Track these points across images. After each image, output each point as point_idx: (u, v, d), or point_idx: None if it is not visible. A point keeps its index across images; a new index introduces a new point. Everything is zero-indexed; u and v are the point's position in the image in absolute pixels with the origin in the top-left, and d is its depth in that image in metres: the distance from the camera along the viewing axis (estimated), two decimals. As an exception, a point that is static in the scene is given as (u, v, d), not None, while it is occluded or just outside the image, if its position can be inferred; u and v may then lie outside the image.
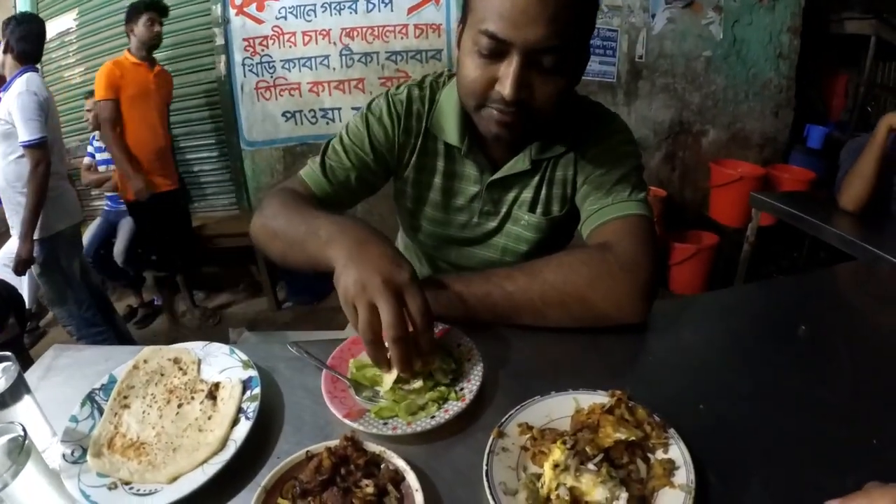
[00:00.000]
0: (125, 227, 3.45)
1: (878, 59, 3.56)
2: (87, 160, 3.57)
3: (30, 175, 2.37)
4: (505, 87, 0.81)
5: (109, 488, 0.66)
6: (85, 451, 0.71)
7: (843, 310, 1.14)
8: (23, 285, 2.76)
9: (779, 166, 3.61)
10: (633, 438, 0.64)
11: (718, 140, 3.73)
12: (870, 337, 1.01)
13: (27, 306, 2.81)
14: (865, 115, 3.61)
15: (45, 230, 2.47)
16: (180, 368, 0.86)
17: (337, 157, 1.07)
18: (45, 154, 2.38)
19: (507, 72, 0.81)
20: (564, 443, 0.63)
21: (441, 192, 1.10)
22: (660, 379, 0.84)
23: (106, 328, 2.76)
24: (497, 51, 0.82)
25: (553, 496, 0.59)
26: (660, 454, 0.64)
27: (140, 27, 2.97)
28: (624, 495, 0.58)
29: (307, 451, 0.65)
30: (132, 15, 2.99)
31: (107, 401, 0.79)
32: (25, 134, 2.33)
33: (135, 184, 3.00)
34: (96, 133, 3.51)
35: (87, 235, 3.36)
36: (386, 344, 0.71)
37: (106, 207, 3.62)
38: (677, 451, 0.64)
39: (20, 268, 2.47)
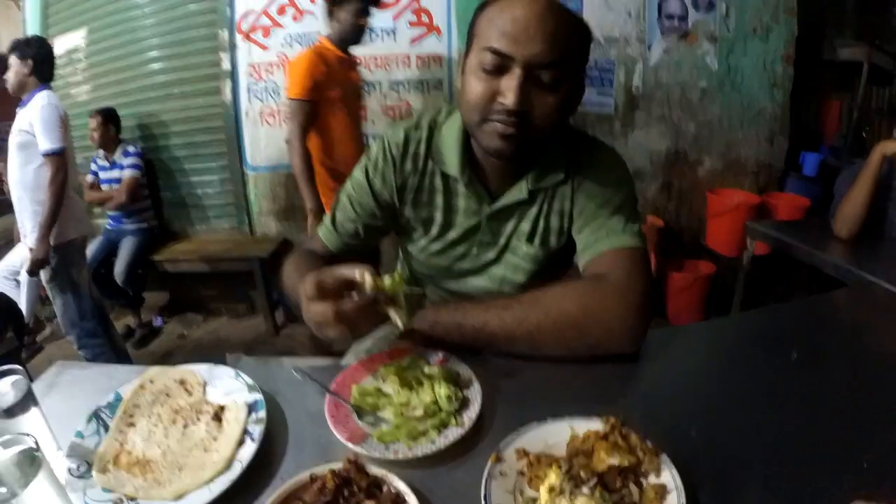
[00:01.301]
0: (126, 246, 3.46)
1: (871, 83, 3.60)
2: (89, 178, 3.57)
3: (49, 181, 2.47)
4: (507, 97, 0.87)
5: (115, 503, 0.68)
6: (90, 466, 0.73)
7: (832, 335, 1.18)
8: (21, 299, 2.80)
9: (774, 194, 3.63)
10: (626, 464, 0.66)
11: (714, 168, 3.75)
12: (858, 361, 1.04)
13: (25, 320, 2.83)
14: (860, 140, 3.63)
15: (58, 238, 2.55)
16: (186, 390, 0.88)
17: (344, 211, 1.15)
18: (64, 162, 2.50)
19: (510, 84, 0.87)
20: (560, 467, 0.65)
21: (441, 227, 1.13)
22: (653, 405, 0.87)
23: (106, 342, 2.79)
24: (500, 66, 0.88)
25: (549, 520, 0.62)
26: (652, 479, 0.67)
27: (347, 14, 2.48)
28: (616, 518, 0.61)
29: (311, 474, 0.67)
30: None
31: (112, 418, 0.82)
32: (47, 143, 2.45)
33: (312, 223, 2.52)
34: (100, 151, 3.54)
35: (88, 253, 3.37)
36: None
37: (107, 226, 3.62)
38: (669, 476, 0.66)
39: (34, 268, 2.53)
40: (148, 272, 3.61)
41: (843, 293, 1.60)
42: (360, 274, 0.79)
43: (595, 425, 0.73)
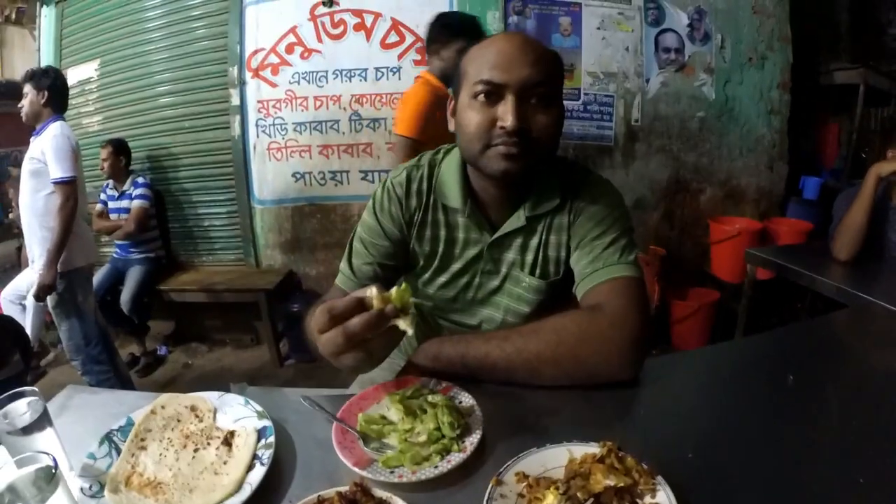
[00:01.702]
0: (133, 275, 3.50)
1: (869, 105, 3.66)
2: (98, 206, 3.62)
3: (59, 209, 2.52)
4: (507, 120, 0.94)
5: None
6: (102, 486, 0.76)
7: (830, 357, 1.21)
8: (26, 323, 2.83)
9: (776, 219, 3.65)
10: (623, 484, 0.69)
11: (715, 197, 3.79)
12: (855, 381, 1.07)
13: (31, 345, 2.85)
14: (860, 161, 3.65)
15: (66, 264, 2.60)
16: (196, 416, 0.91)
17: (359, 256, 1.19)
18: (74, 191, 2.56)
19: (507, 107, 0.95)
20: (558, 488, 0.68)
21: (445, 258, 1.17)
22: (651, 430, 0.90)
23: (110, 369, 2.81)
24: (494, 95, 0.96)
25: (547, 540, 0.64)
26: (648, 499, 0.69)
27: (450, 53, 2.40)
28: (612, 538, 0.63)
29: (318, 496, 0.70)
30: (445, 35, 2.44)
31: (124, 441, 0.84)
32: (59, 171, 2.52)
33: None
34: (110, 181, 3.60)
35: (95, 280, 3.39)
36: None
37: (115, 255, 3.67)
38: (664, 497, 0.68)
39: (41, 294, 2.57)
40: (154, 301, 3.65)
41: (843, 315, 1.63)
42: (367, 290, 0.78)
43: (592, 449, 0.76)
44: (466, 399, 0.91)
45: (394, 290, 0.78)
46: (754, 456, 0.80)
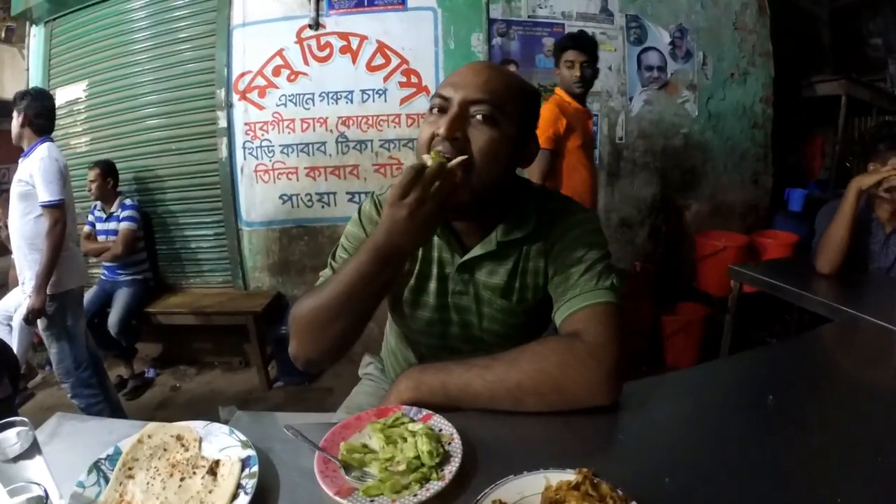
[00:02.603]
0: (121, 297, 3.48)
1: (851, 116, 3.74)
2: (86, 228, 3.61)
3: (47, 233, 2.52)
4: (440, 127, 0.99)
5: None
6: None
7: (811, 377, 1.23)
8: (13, 344, 2.79)
9: (762, 232, 3.69)
10: (596, 511, 0.71)
11: (701, 212, 3.84)
12: (836, 400, 1.10)
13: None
14: (845, 171, 3.72)
15: (56, 287, 2.59)
16: (182, 445, 0.92)
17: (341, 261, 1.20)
18: (62, 214, 2.55)
19: (445, 117, 1.00)
20: (533, 516, 0.70)
21: (417, 278, 1.19)
22: (628, 455, 0.92)
23: (100, 392, 2.79)
24: (442, 108, 1.02)
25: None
26: (622, 525, 0.71)
27: (563, 67, 2.63)
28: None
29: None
30: (557, 48, 2.67)
31: (112, 470, 0.85)
32: (46, 195, 2.51)
33: None
34: (98, 203, 3.60)
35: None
36: None
37: (102, 276, 3.65)
38: None
39: (32, 317, 2.57)
40: (142, 324, 3.64)
41: (828, 330, 1.65)
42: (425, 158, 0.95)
43: (568, 476, 0.77)
44: (446, 427, 0.93)
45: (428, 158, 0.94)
46: (731, 479, 0.83)
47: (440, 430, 0.92)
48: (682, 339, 3.47)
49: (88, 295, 3.48)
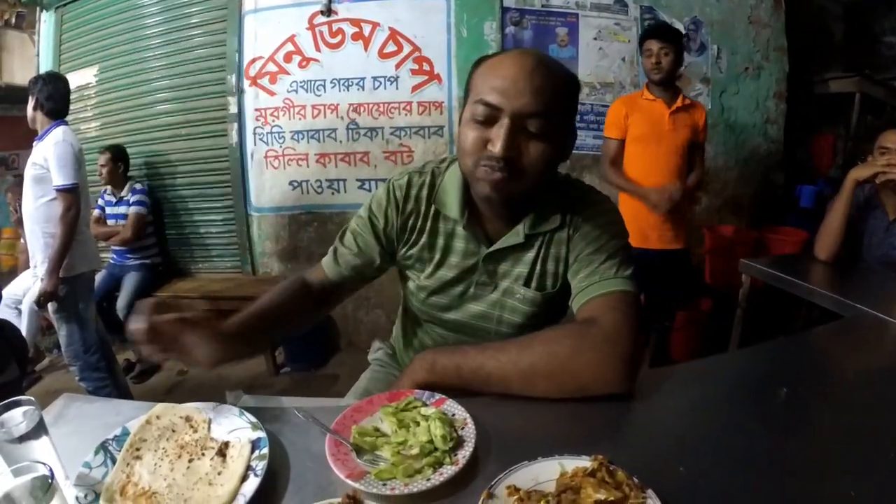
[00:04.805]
0: (130, 281, 3.49)
1: (864, 113, 3.68)
2: (96, 212, 3.59)
3: (61, 217, 2.52)
4: (496, 145, 0.94)
5: None
6: (97, 495, 0.76)
7: (823, 369, 1.23)
8: (22, 328, 2.82)
9: (772, 228, 3.66)
10: (612, 498, 0.69)
11: (712, 206, 3.79)
12: (847, 394, 1.08)
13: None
14: None
15: (68, 270, 2.59)
16: (191, 426, 0.91)
17: (346, 245, 1.23)
18: (76, 198, 2.55)
19: (498, 132, 0.95)
20: (548, 502, 0.69)
21: (441, 267, 1.18)
22: (642, 444, 0.91)
23: (108, 376, 2.80)
24: (490, 117, 0.96)
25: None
26: (638, 513, 0.70)
27: (643, 56, 2.72)
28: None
29: (314, 506, 0.71)
30: (639, 43, 2.75)
31: (119, 451, 0.85)
32: (60, 179, 2.51)
33: (653, 197, 2.64)
34: (108, 187, 3.60)
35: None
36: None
37: (111, 261, 3.65)
38: None
39: (44, 300, 2.57)
40: (150, 309, 3.63)
41: (837, 325, 1.63)
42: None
43: (584, 463, 0.76)
44: (460, 412, 0.92)
45: None
46: (745, 470, 0.81)
47: (453, 415, 0.91)
48: (686, 334, 3.43)
49: (97, 279, 3.45)
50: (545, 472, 0.77)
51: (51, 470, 0.65)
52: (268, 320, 1.11)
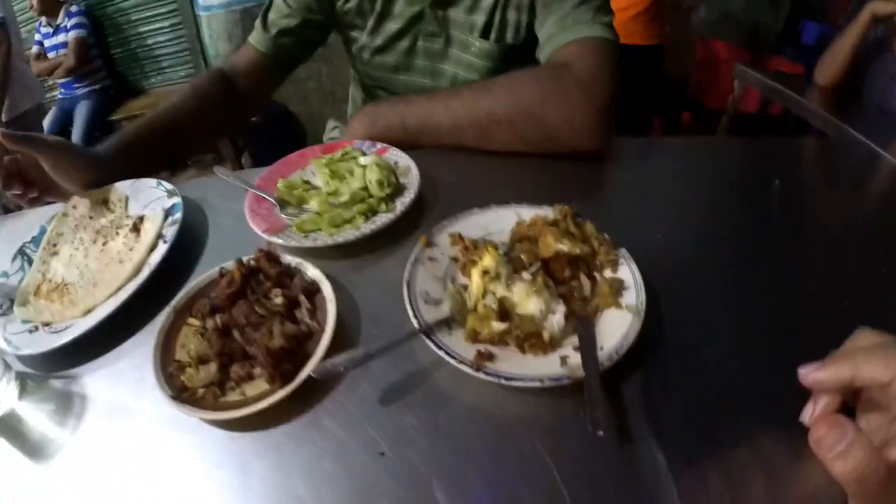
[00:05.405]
0: (81, 111, 3.35)
1: None
2: (35, 49, 3.40)
3: None
4: None
5: (30, 332, 0.64)
6: (13, 302, 0.69)
7: (816, 173, 1.08)
8: None
9: (768, 56, 3.44)
10: (578, 252, 0.58)
11: (709, 19, 3.50)
12: (841, 201, 0.94)
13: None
14: None
15: (12, 111, 2.54)
16: (108, 208, 0.83)
17: (277, 9, 1.06)
18: (5, 34, 2.45)
19: None
20: (497, 248, 0.58)
21: (384, 18, 1.02)
22: (617, 204, 0.79)
23: None
24: None
25: (479, 306, 0.54)
26: (608, 273, 0.59)
27: None
28: (561, 308, 0.53)
29: (221, 268, 0.62)
30: None
31: (37, 251, 0.78)
32: None
33: None
34: (42, 19, 3.35)
35: (45, 126, 3.27)
36: None
37: (59, 95, 3.50)
38: (627, 272, 0.58)
39: None
40: (107, 135, 3.45)
41: (825, 141, 1.56)
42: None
43: (546, 212, 0.65)
44: (403, 159, 0.80)
45: None
46: (730, 254, 0.70)
47: (396, 163, 0.79)
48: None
49: (49, 117, 3.39)
50: (498, 222, 0.66)
51: None
52: (167, 129, 0.98)
